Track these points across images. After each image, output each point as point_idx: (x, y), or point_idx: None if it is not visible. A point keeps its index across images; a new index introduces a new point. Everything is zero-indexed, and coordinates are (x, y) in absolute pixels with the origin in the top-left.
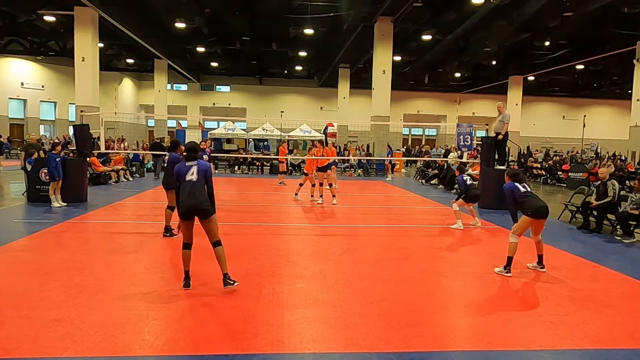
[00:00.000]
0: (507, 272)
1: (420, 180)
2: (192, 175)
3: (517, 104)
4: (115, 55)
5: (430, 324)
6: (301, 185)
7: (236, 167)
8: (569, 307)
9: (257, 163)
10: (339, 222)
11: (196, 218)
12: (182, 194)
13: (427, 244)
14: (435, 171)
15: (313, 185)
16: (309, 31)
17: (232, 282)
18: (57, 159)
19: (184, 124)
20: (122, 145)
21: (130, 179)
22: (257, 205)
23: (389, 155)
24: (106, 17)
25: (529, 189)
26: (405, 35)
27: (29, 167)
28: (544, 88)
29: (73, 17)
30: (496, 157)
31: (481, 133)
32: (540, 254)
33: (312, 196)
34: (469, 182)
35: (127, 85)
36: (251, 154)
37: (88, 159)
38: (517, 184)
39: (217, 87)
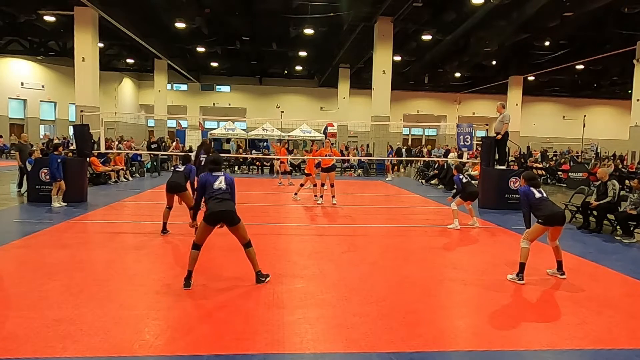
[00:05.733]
0: (519, 280)
1: (420, 180)
2: (221, 184)
3: (517, 104)
4: (115, 55)
5: (430, 324)
6: (302, 185)
7: (236, 167)
8: (569, 307)
9: (257, 163)
10: (339, 222)
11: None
12: (212, 200)
13: (427, 244)
14: (436, 171)
15: (314, 185)
16: (309, 31)
17: (263, 278)
18: (59, 160)
19: (184, 124)
20: (124, 145)
21: (130, 178)
22: (257, 205)
23: (390, 155)
24: (106, 17)
25: (544, 195)
26: (405, 35)
27: (29, 167)
28: (544, 88)
29: (73, 17)
30: (496, 157)
31: (481, 133)
32: (560, 260)
33: (315, 196)
34: (464, 180)
35: (127, 85)
36: (250, 154)
37: (88, 159)
38: (532, 188)
39: (217, 87)
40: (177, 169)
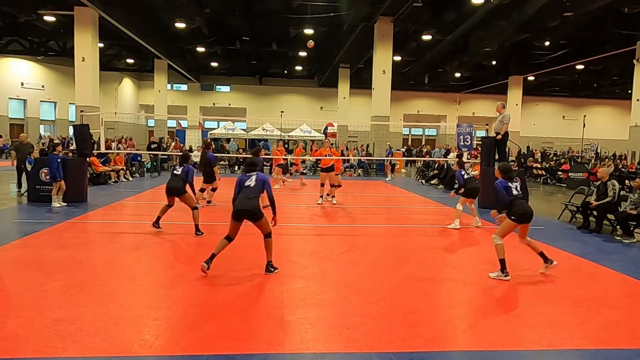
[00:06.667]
0: (505, 276)
1: (420, 180)
2: (251, 182)
3: (517, 104)
4: (115, 55)
5: (430, 324)
6: (323, 185)
7: (236, 167)
8: (569, 307)
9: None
10: (339, 222)
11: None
12: (239, 197)
13: (427, 244)
14: (436, 171)
15: (333, 186)
16: (309, 31)
17: (272, 269)
18: (58, 160)
19: (184, 124)
20: (125, 145)
21: (130, 179)
22: None
23: (389, 156)
24: (106, 17)
25: (520, 191)
26: (405, 35)
27: (29, 167)
28: (544, 88)
29: (73, 17)
30: (496, 157)
31: (481, 133)
32: (540, 251)
33: (328, 196)
34: (466, 176)
35: (127, 85)
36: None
37: (88, 159)
38: (509, 183)
39: (217, 87)
40: (175, 172)
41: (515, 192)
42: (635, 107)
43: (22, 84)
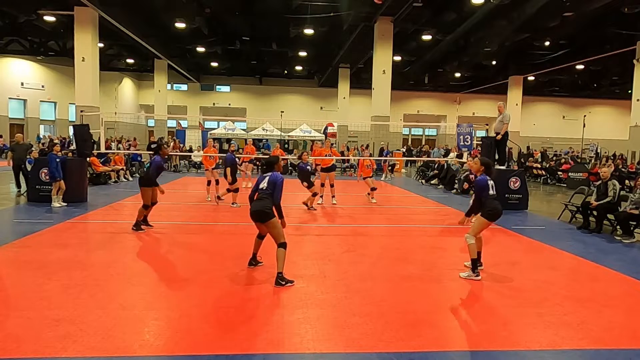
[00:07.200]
0: (476, 276)
1: (420, 180)
2: (264, 184)
3: (517, 104)
4: (115, 55)
5: (430, 324)
6: (323, 185)
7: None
8: (569, 307)
9: (258, 163)
10: (339, 222)
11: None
12: (254, 199)
13: (427, 244)
14: (436, 171)
15: (325, 185)
16: (309, 31)
17: (283, 282)
18: (57, 159)
19: (184, 124)
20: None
21: (130, 178)
22: None
23: (386, 156)
24: (106, 17)
25: (494, 191)
26: (405, 35)
27: (29, 167)
28: (544, 88)
29: (73, 17)
30: (497, 157)
31: (481, 133)
32: (478, 253)
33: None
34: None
35: (127, 85)
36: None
37: (88, 159)
38: (488, 181)
39: (217, 87)
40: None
41: (492, 191)
42: (635, 107)
43: (22, 84)
